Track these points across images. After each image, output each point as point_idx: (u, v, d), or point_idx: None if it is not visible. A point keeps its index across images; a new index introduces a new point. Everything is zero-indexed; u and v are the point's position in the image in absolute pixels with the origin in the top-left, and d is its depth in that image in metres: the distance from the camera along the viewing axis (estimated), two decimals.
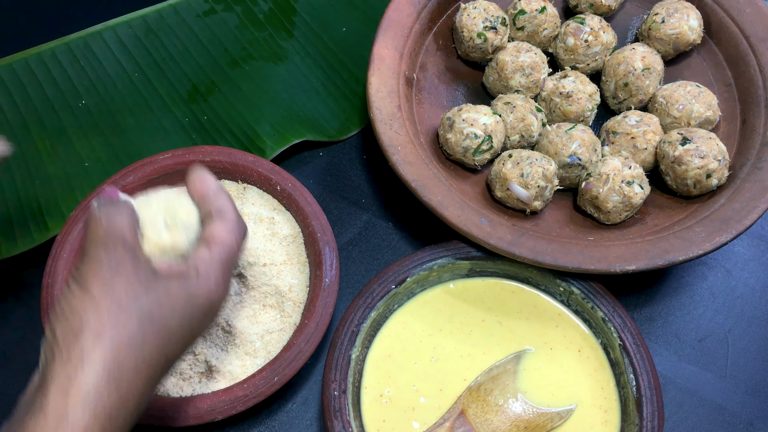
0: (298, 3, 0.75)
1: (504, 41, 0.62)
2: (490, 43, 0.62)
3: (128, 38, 0.71)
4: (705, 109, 0.58)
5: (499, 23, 0.61)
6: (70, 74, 0.68)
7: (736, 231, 0.52)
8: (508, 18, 0.63)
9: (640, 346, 0.50)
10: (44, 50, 0.70)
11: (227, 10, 0.74)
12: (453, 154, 0.59)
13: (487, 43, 0.61)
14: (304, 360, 0.48)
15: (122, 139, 0.65)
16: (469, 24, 0.62)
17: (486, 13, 0.62)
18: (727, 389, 0.55)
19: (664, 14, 0.62)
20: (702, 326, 0.57)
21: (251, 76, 0.69)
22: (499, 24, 0.61)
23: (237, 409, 0.47)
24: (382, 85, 0.59)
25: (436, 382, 0.49)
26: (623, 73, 0.60)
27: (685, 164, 0.54)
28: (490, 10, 0.62)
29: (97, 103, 0.67)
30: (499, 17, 0.62)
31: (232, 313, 0.51)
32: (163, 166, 0.57)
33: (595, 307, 0.52)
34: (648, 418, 0.47)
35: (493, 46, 0.62)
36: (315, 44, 0.72)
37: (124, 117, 0.66)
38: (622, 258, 0.51)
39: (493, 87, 0.63)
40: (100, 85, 0.68)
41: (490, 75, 0.63)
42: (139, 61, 0.69)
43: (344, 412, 0.46)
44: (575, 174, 0.57)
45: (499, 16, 0.62)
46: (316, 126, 0.66)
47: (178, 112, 0.66)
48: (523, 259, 0.51)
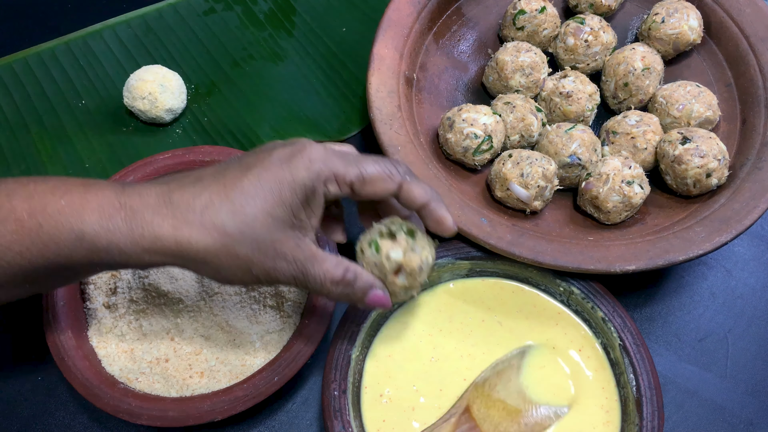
0: (298, 3, 0.75)
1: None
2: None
3: (128, 38, 0.71)
4: (705, 109, 0.58)
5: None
6: (70, 74, 0.68)
7: (736, 231, 0.52)
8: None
9: (640, 346, 0.50)
10: (44, 50, 0.70)
11: (227, 9, 0.74)
12: (453, 154, 0.59)
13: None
14: (304, 360, 0.48)
15: (122, 139, 0.65)
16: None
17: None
18: (727, 389, 0.55)
19: (664, 14, 0.62)
20: (702, 326, 0.57)
21: (251, 76, 0.69)
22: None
23: (237, 409, 0.47)
24: (382, 85, 0.59)
25: (436, 382, 0.49)
26: (623, 73, 0.60)
27: (685, 163, 0.54)
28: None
29: (97, 103, 0.67)
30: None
31: (232, 313, 0.51)
32: (163, 166, 0.57)
33: (595, 307, 0.52)
34: (648, 418, 0.47)
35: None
36: (315, 44, 0.72)
37: (124, 117, 0.66)
38: (622, 258, 0.51)
39: (493, 87, 0.63)
40: (100, 85, 0.68)
41: (490, 75, 0.63)
42: (138, 60, 0.69)
43: (344, 412, 0.46)
44: (575, 174, 0.57)
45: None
46: (316, 126, 0.66)
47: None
48: (523, 259, 0.51)
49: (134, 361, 0.50)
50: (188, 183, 0.38)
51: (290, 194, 0.37)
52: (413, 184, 0.41)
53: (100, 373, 0.48)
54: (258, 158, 0.39)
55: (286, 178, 0.37)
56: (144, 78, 0.63)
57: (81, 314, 0.52)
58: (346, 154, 0.41)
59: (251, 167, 0.38)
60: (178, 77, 0.65)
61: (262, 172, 0.37)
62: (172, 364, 0.50)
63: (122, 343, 0.51)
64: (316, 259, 0.40)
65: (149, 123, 0.65)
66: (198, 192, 0.37)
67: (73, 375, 0.47)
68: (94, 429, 0.52)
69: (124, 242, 0.36)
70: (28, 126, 0.65)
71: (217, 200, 0.37)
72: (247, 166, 0.38)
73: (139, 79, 0.63)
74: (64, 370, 0.48)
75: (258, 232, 0.37)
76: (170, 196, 0.37)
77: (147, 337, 0.51)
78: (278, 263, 0.39)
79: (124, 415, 0.46)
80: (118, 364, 0.50)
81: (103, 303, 0.51)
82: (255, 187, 0.37)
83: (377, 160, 0.40)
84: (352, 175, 0.39)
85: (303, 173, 0.38)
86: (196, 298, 0.51)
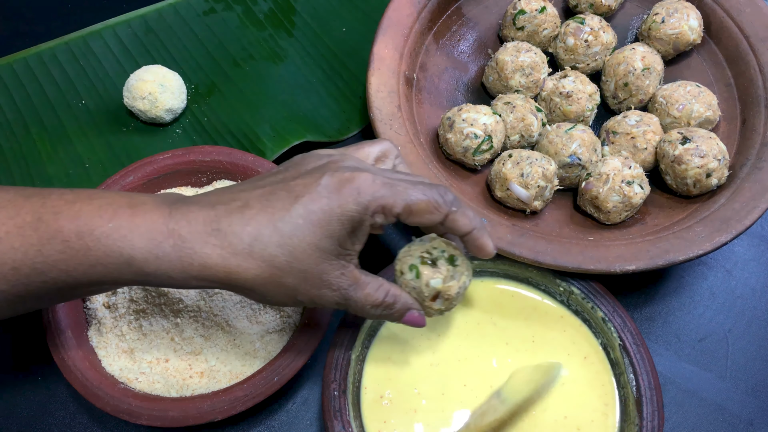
0: (298, 3, 0.75)
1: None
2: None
3: (128, 38, 0.71)
4: (705, 109, 0.58)
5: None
6: (70, 74, 0.68)
7: (736, 231, 0.52)
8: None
9: (640, 346, 0.50)
10: (44, 50, 0.70)
11: (227, 9, 0.74)
12: (453, 154, 0.59)
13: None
14: (304, 360, 0.48)
15: (122, 139, 0.65)
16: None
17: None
18: (727, 389, 0.55)
19: (664, 14, 0.62)
20: (702, 326, 0.57)
21: (251, 76, 0.69)
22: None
23: (237, 409, 0.47)
24: (382, 85, 0.59)
25: (437, 385, 0.49)
26: (623, 73, 0.60)
27: (684, 163, 0.54)
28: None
29: (97, 103, 0.67)
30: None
31: (232, 313, 0.51)
32: (163, 166, 0.57)
33: (595, 307, 0.52)
34: (648, 418, 0.47)
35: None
36: (315, 44, 0.72)
37: (124, 117, 0.66)
38: (622, 258, 0.51)
39: (493, 87, 0.63)
40: (100, 85, 0.68)
41: (490, 75, 0.63)
42: (138, 60, 0.69)
43: (344, 412, 0.46)
44: (575, 174, 0.57)
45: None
46: (316, 126, 0.66)
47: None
48: (523, 259, 0.51)
49: (134, 361, 0.50)
50: (235, 209, 0.38)
51: (338, 227, 0.38)
52: (458, 215, 0.41)
53: (100, 373, 0.48)
54: (306, 185, 0.38)
55: (335, 211, 0.37)
56: (144, 78, 0.63)
57: (81, 314, 0.52)
58: (393, 181, 0.39)
59: (299, 197, 0.37)
60: (178, 77, 0.65)
61: (310, 203, 0.37)
62: (172, 364, 0.50)
63: (122, 343, 0.51)
64: (359, 284, 0.40)
65: (149, 123, 0.66)
66: (246, 221, 0.37)
67: (73, 375, 0.47)
68: (94, 429, 0.52)
69: (172, 270, 0.37)
70: (28, 126, 0.65)
71: (265, 232, 0.37)
72: (296, 195, 0.38)
73: (139, 79, 0.63)
74: (64, 370, 0.48)
75: (305, 263, 0.38)
76: (218, 223, 0.37)
77: (147, 337, 0.51)
78: (323, 291, 0.39)
79: (124, 415, 0.46)
80: (118, 364, 0.50)
81: (103, 303, 0.51)
82: (303, 219, 0.37)
83: (424, 189, 0.40)
84: (399, 207, 0.39)
85: (351, 206, 0.37)
86: (196, 298, 0.51)
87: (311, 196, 0.37)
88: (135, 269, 0.37)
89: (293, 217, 0.37)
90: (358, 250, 0.40)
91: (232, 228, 0.37)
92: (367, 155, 0.44)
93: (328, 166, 0.39)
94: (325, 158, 0.41)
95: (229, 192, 0.40)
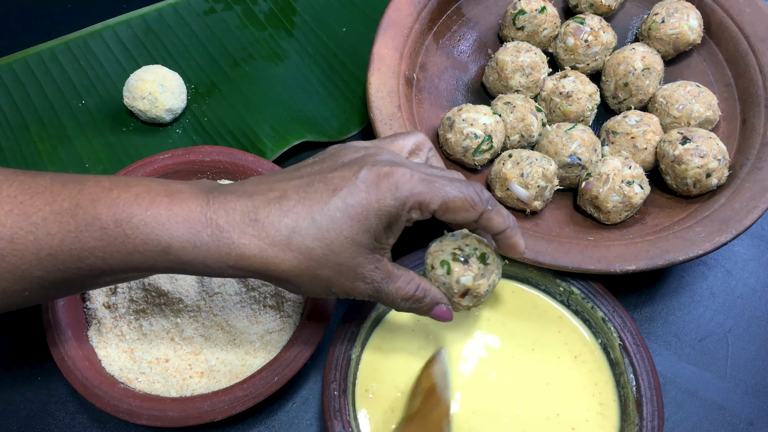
0: (298, 3, 0.75)
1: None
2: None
3: (128, 38, 0.71)
4: (705, 109, 0.58)
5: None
6: (70, 74, 0.68)
7: (736, 231, 0.52)
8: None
9: (640, 346, 0.50)
10: (44, 50, 0.70)
11: (227, 9, 0.74)
12: (453, 154, 0.59)
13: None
14: (304, 360, 0.48)
15: (122, 139, 0.65)
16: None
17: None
18: (727, 389, 0.55)
19: (664, 14, 0.62)
20: (702, 326, 0.57)
21: (251, 76, 0.69)
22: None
23: (237, 409, 0.47)
24: (382, 85, 0.59)
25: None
26: (623, 73, 0.60)
27: (685, 163, 0.54)
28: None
29: (97, 103, 0.67)
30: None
31: (232, 313, 0.51)
32: (162, 166, 0.57)
33: (595, 307, 0.52)
34: (648, 418, 0.47)
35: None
36: (315, 44, 0.72)
37: (124, 117, 0.66)
38: (622, 258, 0.51)
39: (493, 87, 0.63)
40: (100, 85, 0.68)
41: (490, 75, 0.63)
42: (138, 60, 0.70)
43: (344, 412, 0.46)
44: (575, 174, 0.57)
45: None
46: (316, 126, 0.66)
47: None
48: (523, 259, 0.51)
49: (134, 361, 0.50)
50: (273, 199, 0.38)
51: (375, 221, 0.38)
52: (493, 213, 0.41)
53: (100, 373, 0.48)
54: (344, 178, 0.38)
55: (372, 206, 0.38)
56: (144, 78, 0.63)
57: (81, 314, 0.52)
58: (430, 177, 0.40)
59: (337, 190, 0.38)
60: (178, 77, 0.65)
61: (349, 196, 0.37)
62: (172, 364, 0.50)
63: (122, 343, 0.51)
64: (391, 278, 0.41)
65: (149, 123, 0.66)
66: (284, 212, 0.37)
67: (73, 375, 0.47)
68: (94, 429, 0.52)
69: (210, 258, 0.37)
70: (28, 126, 0.65)
71: (303, 224, 0.37)
72: (334, 188, 0.38)
73: (139, 79, 0.63)
74: (64, 370, 0.48)
75: (341, 257, 0.38)
76: (256, 213, 0.37)
77: (147, 337, 0.51)
78: (357, 284, 0.40)
79: (124, 415, 0.46)
80: (118, 364, 0.50)
81: (103, 303, 0.51)
82: (341, 213, 0.37)
83: (461, 186, 0.40)
84: (435, 204, 0.39)
85: (389, 201, 0.38)
86: (196, 297, 0.51)
87: (349, 189, 0.37)
88: (172, 257, 0.37)
89: (331, 210, 0.37)
90: (391, 243, 0.41)
91: (270, 219, 0.37)
92: (402, 148, 0.44)
93: (365, 159, 0.40)
94: (361, 150, 0.41)
95: (266, 182, 0.40)
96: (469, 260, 0.43)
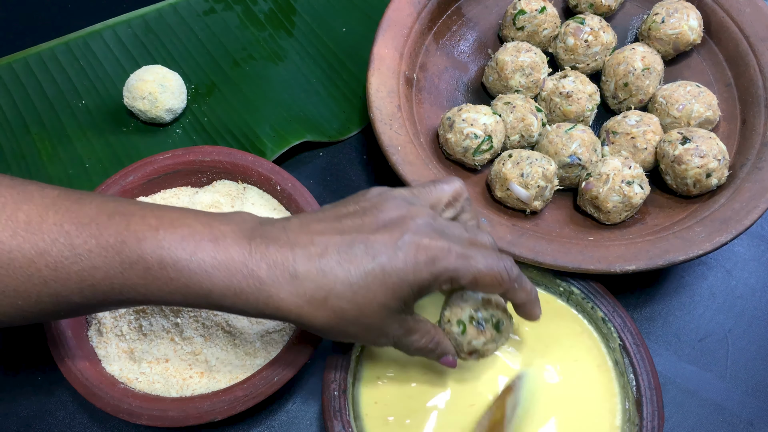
0: (298, 3, 0.75)
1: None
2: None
3: (128, 38, 0.71)
4: (705, 109, 0.58)
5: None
6: (70, 74, 0.68)
7: (736, 231, 0.52)
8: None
9: (640, 346, 0.50)
10: (44, 50, 0.70)
11: (227, 9, 0.74)
12: (453, 154, 0.59)
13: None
14: (304, 360, 0.48)
15: (122, 139, 0.65)
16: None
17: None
18: (727, 389, 0.55)
19: (664, 14, 0.62)
20: (702, 326, 0.57)
21: (251, 76, 0.69)
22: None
23: (237, 409, 0.47)
24: (382, 85, 0.59)
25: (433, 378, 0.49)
26: (623, 73, 0.60)
27: (684, 163, 0.54)
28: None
29: (97, 103, 0.67)
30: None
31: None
32: (162, 166, 0.57)
33: (595, 307, 0.52)
34: (648, 418, 0.47)
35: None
36: (315, 44, 0.72)
37: (124, 117, 0.66)
38: (622, 258, 0.51)
39: (493, 87, 0.63)
40: (100, 85, 0.68)
41: (490, 75, 0.63)
42: (138, 60, 0.70)
43: (344, 412, 0.46)
44: (575, 174, 0.57)
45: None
46: (316, 126, 0.66)
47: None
48: (523, 259, 0.51)
49: (134, 361, 0.50)
50: (315, 255, 0.39)
51: (408, 291, 0.40)
52: (519, 290, 0.43)
53: (100, 373, 0.48)
54: (384, 244, 0.39)
55: (408, 278, 0.39)
56: (144, 78, 0.63)
57: None
58: (466, 253, 0.41)
59: (377, 257, 0.39)
60: (178, 77, 0.65)
61: (387, 265, 0.39)
62: (172, 364, 0.50)
63: (122, 343, 0.51)
64: (410, 332, 0.43)
65: (149, 123, 0.66)
66: (323, 272, 0.39)
67: (73, 375, 0.47)
68: (94, 429, 0.52)
69: (247, 306, 0.39)
70: (28, 126, 0.65)
71: (340, 288, 0.39)
72: (374, 254, 0.39)
73: (139, 79, 0.63)
74: (64, 370, 0.48)
75: (371, 319, 0.40)
76: (295, 269, 0.39)
77: (147, 337, 0.51)
78: (380, 339, 0.43)
79: (124, 415, 0.46)
80: (118, 364, 0.50)
81: None
82: (378, 282, 0.39)
83: (493, 262, 0.41)
84: (467, 280, 0.41)
85: (425, 275, 0.39)
86: None
87: (389, 258, 0.39)
88: (211, 301, 0.39)
89: (368, 278, 0.39)
90: (415, 303, 0.43)
91: (309, 276, 0.38)
92: (439, 200, 0.45)
93: (405, 223, 0.40)
94: (403, 206, 0.42)
95: (308, 231, 0.40)
96: (485, 326, 0.45)
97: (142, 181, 0.56)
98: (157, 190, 0.57)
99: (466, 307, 0.45)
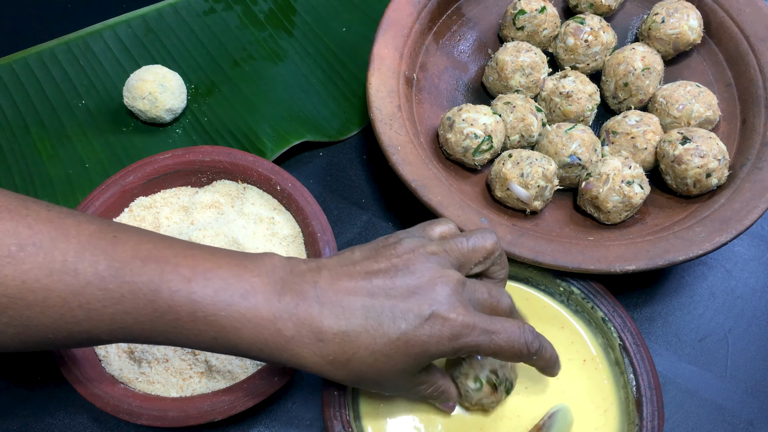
0: (298, 3, 0.75)
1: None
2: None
3: (128, 38, 0.71)
4: (705, 109, 0.58)
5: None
6: (70, 74, 0.68)
7: (736, 231, 0.52)
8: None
9: (640, 346, 0.50)
10: (44, 50, 0.70)
11: (227, 9, 0.74)
12: (453, 154, 0.59)
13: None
14: None
15: (122, 139, 0.65)
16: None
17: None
18: (727, 389, 0.55)
19: (664, 14, 0.62)
20: (702, 326, 0.57)
21: (251, 76, 0.69)
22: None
23: (237, 409, 0.47)
24: (382, 85, 0.59)
25: None
26: (623, 73, 0.60)
27: (684, 163, 0.54)
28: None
29: (97, 103, 0.67)
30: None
31: None
32: (163, 166, 0.57)
33: (595, 307, 0.52)
34: (648, 418, 0.47)
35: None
36: (315, 44, 0.72)
37: (124, 117, 0.66)
38: (622, 258, 0.51)
39: (493, 87, 0.63)
40: (100, 85, 0.68)
41: (490, 75, 0.63)
42: (138, 60, 0.70)
43: (344, 412, 0.46)
44: (575, 174, 0.57)
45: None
46: (316, 126, 0.66)
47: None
48: (523, 259, 0.51)
49: (134, 361, 0.50)
50: (342, 317, 0.40)
51: (427, 359, 0.41)
52: (538, 360, 0.44)
53: (100, 373, 0.48)
54: (412, 313, 0.40)
55: (430, 350, 0.40)
56: (144, 78, 0.63)
57: None
58: (489, 327, 0.41)
59: (402, 327, 0.39)
60: (178, 77, 0.65)
61: (412, 338, 0.39)
62: (172, 364, 0.50)
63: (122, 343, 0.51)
64: (421, 383, 0.44)
65: (149, 123, 0.66)
66: (349, 336, 0.39)
67: (74, 375, 0.47)
68: (94, 429, 0.52)
69: (271, 358, 0.40)
70: (28, 126, 0.65)
71: (363, 353, 0.40)
72: (399, 324, 0.39)
73: (139, 79, 0.63)
74: (65, 371, 0.48)
75: (389, 380, 0.42)
76: (321, 331, 0.39)
77: None
78: (393, 391, 0.44)
79: (124, 415, 0.46)
80: (118, 364, 0.50)
81: None
82: (400, 352, 0.40)
83: (515, 337, 0.42)
84: (487, 353, 0.42)
85: (446, 348, 0.40)
86: None
87: (414, 330, 0.39)
88: (237, 352, 0.40)
89: (391, 347, 0.39)
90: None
91: (334, 339, 0.39)
92: (471, 260, 0.44)
93: (434, 291, 0.40)
94: (434, 269, 0.41)
95: (336, 289, 0.40)
96: (498, 388, 0.46)
97: (142, 181, 0.56)
98: (157, 189, 0.57)
99: (486, 365, 0.46)
